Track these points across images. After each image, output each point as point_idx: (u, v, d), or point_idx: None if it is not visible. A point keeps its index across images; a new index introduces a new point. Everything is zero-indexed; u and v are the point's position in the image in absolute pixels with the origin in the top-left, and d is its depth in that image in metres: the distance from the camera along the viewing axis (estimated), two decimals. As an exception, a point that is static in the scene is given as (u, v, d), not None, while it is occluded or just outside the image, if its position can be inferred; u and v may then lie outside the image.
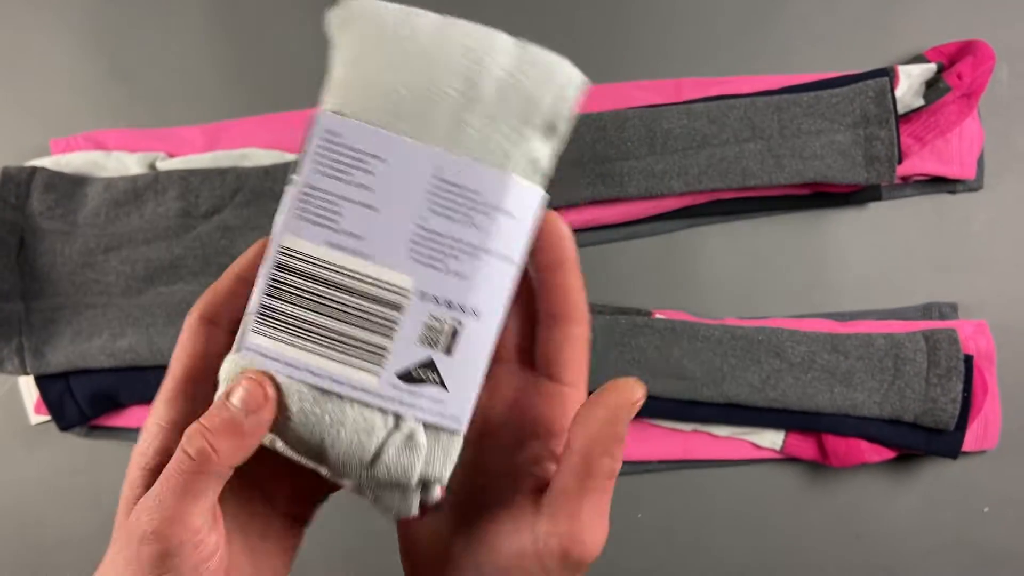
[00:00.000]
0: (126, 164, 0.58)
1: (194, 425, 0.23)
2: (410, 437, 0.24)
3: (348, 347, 0.24)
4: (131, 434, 0.59)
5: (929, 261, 0.57)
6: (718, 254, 0.58)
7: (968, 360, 0.52)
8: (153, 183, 0.57)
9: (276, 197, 0.57)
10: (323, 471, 0.25)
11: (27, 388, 0.59)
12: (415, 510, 0.25)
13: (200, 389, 0.25)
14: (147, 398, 0.57)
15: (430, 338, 0.24)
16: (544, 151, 0.25)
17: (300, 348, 0.24)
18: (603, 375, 0.56)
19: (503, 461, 0.26)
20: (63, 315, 0.57)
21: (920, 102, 0.55)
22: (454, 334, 0.24)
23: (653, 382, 0.53)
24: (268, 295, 0.24)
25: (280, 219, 0.24)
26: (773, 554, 0.57)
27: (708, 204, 0.57)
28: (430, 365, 0.24)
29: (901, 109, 0.54)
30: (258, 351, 0.24)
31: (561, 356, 0.26)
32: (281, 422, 0.24)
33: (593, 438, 0.23)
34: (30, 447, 0.60)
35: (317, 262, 0.24)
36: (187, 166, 0.58)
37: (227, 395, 0.23)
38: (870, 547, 0.57)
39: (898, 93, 0.54)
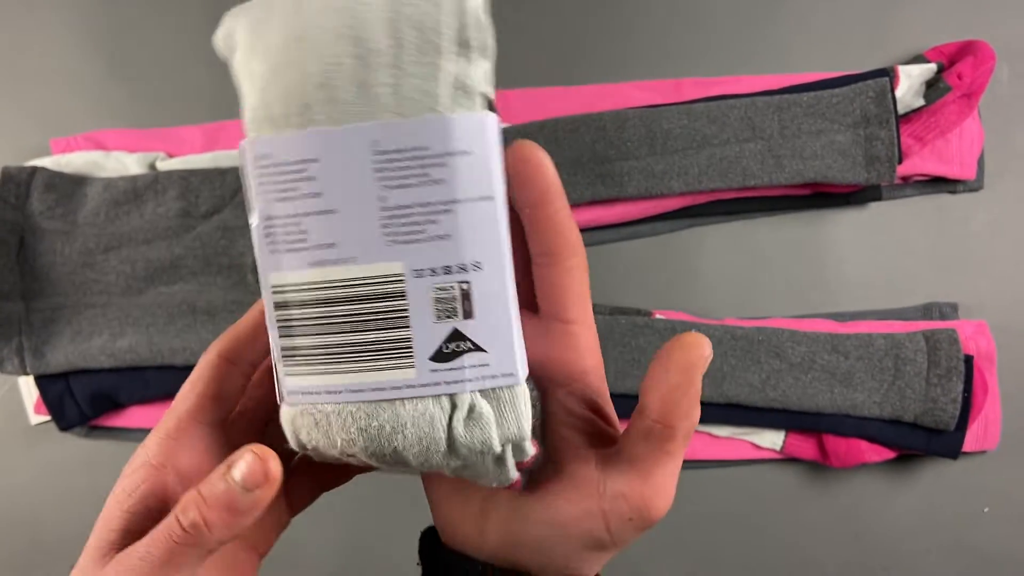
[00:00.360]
0: (126, 164, 0.58)
1: (192, 494, 0.22)
2: (471, 410, 0.23)
3: (374, 352, 0.23)
4: (131, 434, 0.59)
5: (929, 261, 0.57)
6: (718, 254, 0.58)
7: (968, 360, 0.52)
8: (153, 183, 0.57)
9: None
10: (411, 473, 0.24)
11: (27, 388, 0.59)
12: (514, 473, 0.24)
13: (203, 431, 0.25)
14: (147, 398, 0.57)
15: (445, 310, 0.23)
16: (469, 70, 0.23)
17: (332, 372, 0.23)
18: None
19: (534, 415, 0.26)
20: (63, 315, 0.57)
21: (920, 102, 0.55)
22: (466, 296, 0.23)
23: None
24: (281, 336, 0.23)
25: (259, 261, 0.23)
26: (773, 554, 0.57)
27: (708, 204, 0.57)
28: (456, 335, 0.23)
29: (901, 109, 0.54)
30: (299, 392, 0.23)
31: (563, 294, 0.25)
32: (350, 445, 0.23)
33: (670, 402, 0.22)
34: (30, 447, 0.60)
35: (307, 287, 0.23)
36: (187, 166, 0.58)
37: (229, 467, 0.23)
38: (870, 547, 0.57)
39: (898, 93, 0.54)
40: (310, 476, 0.29)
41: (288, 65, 0.22)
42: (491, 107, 0.23)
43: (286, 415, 0.24)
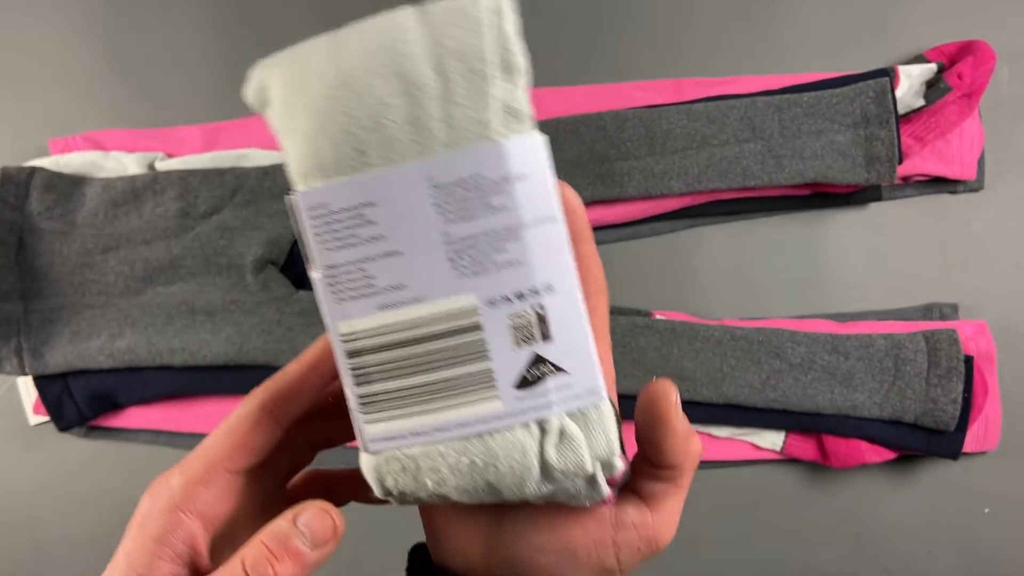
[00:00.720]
0: (125, 164, 0.58)
1: (261, 550, 0.23)
2: (562, 434, 0.23)
3: (456, 389, 0.23)
4: (130, 434, 0.59)
5: (929, 261, 0.57)
6: (718, 254, 0.58)
7: (968, 361, 0.52)
8: (152, 183, 0.57)
9: (275, 197, 0.56)
10: (505, 503, 0.24)
11: (26, 389, 0.59)
12: (606, 490, 0.24)
13: (232, 479, 0.25)
14: (145, 399, 0.57)
15: (522, 336, 0.22)
16: (514, 92, 0.22)
17: (416, 415, 0.23)
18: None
19: None
20: (62, 315, 0.56)
21: (921, 102, 0.55)
22: (542, 319, 0.22)
23: (653, 382, 0.53)
24: (357, 385, 0.23)
25: (324, 311, 0.23)
26: (773, 555, 0.57)
27: (708, 204, 0.57)
28: (538, 360, 0.23)
29: (901, 109, 0.54)
30: (383, 439, 0.23)
31: None
32: (440, 485, 0.23)
33: (665, 450, 0.24)
34: (29, 448, 0.60)
35: (380, 331, 0.22)
36: (186, 166, 0.58)
37: (294, 520, 0.23)
38: (870, 547, 0.57)
39: (898, 93, 0.54)
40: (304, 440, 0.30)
41: (334, 113, 0.22)
42: (534, 124, 0.23)
43: (368, 463, 0.23)
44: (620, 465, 0.24)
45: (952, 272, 0.57)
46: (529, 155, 0.22)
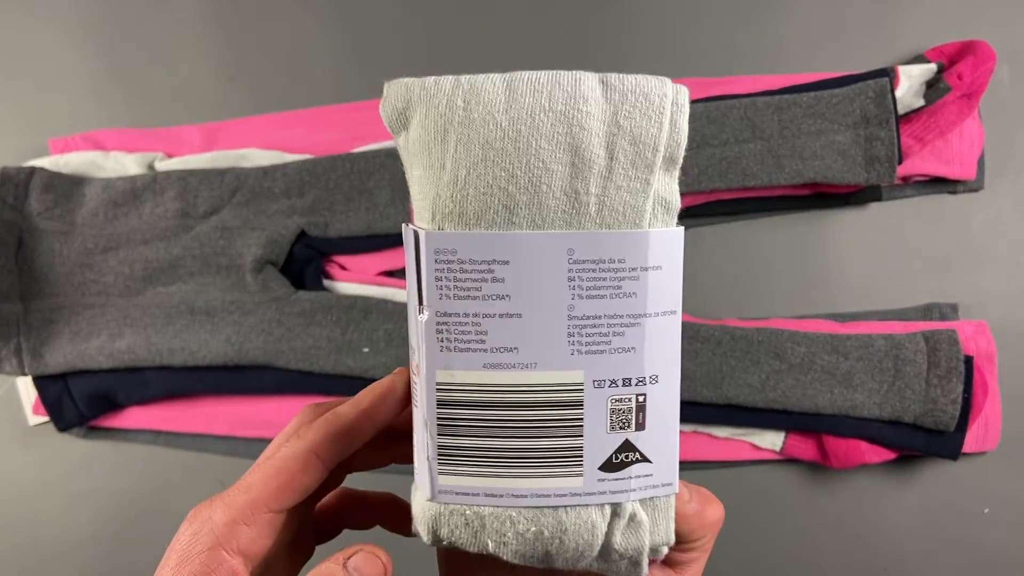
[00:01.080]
0: (124, 164, 0.58)
1: None
2: (632, 519, 0.23)
3: (542, 459, 0.22)
4: (129, 434, 0.59)
5: (929, 261, 0.57)
6: (718, 254, 0.58)
7: (968, 361, 0.52)
8: (151, 183, 0.57)
9: (274, 197, 0.56)
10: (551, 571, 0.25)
11: (25, 389, 0.59)
12: (646, 571, 0.24)
13: (274, 517, 0.25)
14: (145, 398, 0.57)
15: (619, 421, 0.22)
16: (671, 185, 0.22)
17: (495, 476, 0.22)
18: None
19: None
20: (61, 315, 0.56)
21: (920, 102, 0.55)
22: (641, 408, 0.22)
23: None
24: (442, 435, 0.23)
25: (422, 351, 0.22)
26: (773, 555, 0.57)
27: (708, 204, 0.57)
28: (627, 446, 0.23)
29: (901, 109, 0.54)
30: (453, 492, 0.23)
31: None
32: (500, 547, 0.23)
33: (686, 529, 0.24)
34: (28, 448, 0.59)
35: (480, 388, 0.22)
36: (185, 166, 0.58)
37: (344, 561, 0.23)
38: (870, 548, 0.57)
39: (898, 93, 0.54)
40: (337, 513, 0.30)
41: (493, 165, 0.21)
42: (678, 216, 0.23)
43: (427, 511, 0.23)
44: (664, 551, 0.24)
45: (952, 272, 0.57)
46: (668, 247, 0.22)
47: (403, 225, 0.22)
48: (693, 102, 0.55)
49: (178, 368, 0.56)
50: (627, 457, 0.23)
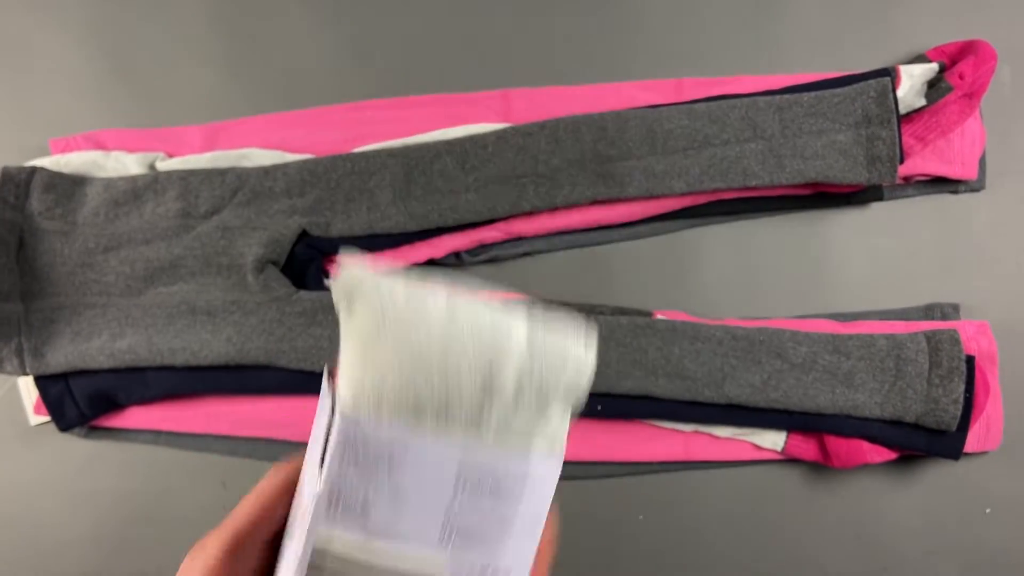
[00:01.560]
0: (125, 164, 0.58)
1: None
2: None
3: None
4: (130, 434, 0.59)
5: (931, 261, 0.57)
6: (719, 254, 0.58)
7: (970, 361, 0.52)
8: (153, 183, 0.57)
9: (276, 197, 0.56)
10: None
11: (26, 389, 0.59)
12: None
13: (258, 547, 0.26)
14: (146, 398, 0.57)
15: None
16: (562, 425, 0.25)
17: None
18: (604, 375, 0.55)
19: None
20: (62, 315, 0.56)
21: (922, 102, 0.55)
22: None
23: (654, 382, 0.53)
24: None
25: (308, 516, 0.24)
26: (774, 555, 0.57)
27: (709, 204, 0.56)
28: None
29: (903, 109, 0.54)
30: None
31: None
32: None
33: None
34: (29, 448, 0.60)
35: (352, 553, 0.24)
36: (186, 166, 0.58)
37: None
38: (871, 548, 0.57)
39: (900, 93, 0.54)
40: None
41: (416, 372, 0.23)
42: (564, 450, 0.26)
43: None
44: None
45: (953, 272, 0.57)
46: (549, 468, 0.25)
47: (325, 378, 0.25)
48: (694, 102, 0.55)
49: (179, 368, 0.56)
50: None
